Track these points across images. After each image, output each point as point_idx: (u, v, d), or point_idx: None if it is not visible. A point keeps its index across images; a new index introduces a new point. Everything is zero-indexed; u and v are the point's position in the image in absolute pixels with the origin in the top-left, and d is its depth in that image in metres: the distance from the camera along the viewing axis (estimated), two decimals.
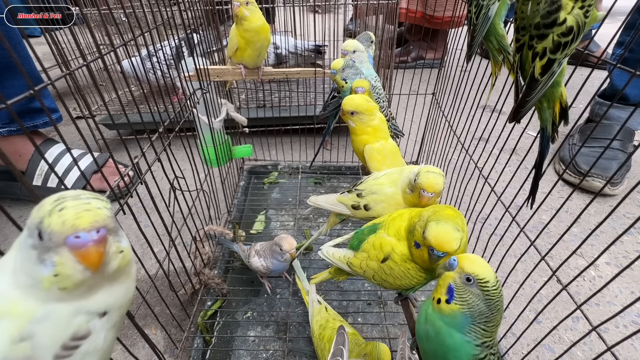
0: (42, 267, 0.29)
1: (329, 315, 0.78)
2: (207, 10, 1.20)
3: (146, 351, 0.86)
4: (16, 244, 0.32)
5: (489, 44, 0.72)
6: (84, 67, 0.49)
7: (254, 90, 1.90)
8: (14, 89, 1.12)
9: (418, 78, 2.13)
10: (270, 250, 0.87)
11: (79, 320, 0.32)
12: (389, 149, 0.85)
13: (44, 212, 0.30)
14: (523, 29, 0.51)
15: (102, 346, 0.33)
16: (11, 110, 0.35)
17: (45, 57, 2.25)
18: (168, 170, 0.71)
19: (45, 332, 0.30)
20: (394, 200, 0.71)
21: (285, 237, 0.85)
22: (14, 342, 0.29)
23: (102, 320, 0.33)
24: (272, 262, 0.87)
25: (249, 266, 0.92)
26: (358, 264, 0.66)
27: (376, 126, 0.86)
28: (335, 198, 0.82)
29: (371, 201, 0.74)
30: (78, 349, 0.32)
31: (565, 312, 0.75)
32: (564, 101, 0.56)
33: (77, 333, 0.31)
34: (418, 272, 0.58)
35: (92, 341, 0.32)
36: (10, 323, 0.29)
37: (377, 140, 0.86)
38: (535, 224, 1.18)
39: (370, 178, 0.77)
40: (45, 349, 0.30)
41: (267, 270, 0.88)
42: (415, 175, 0.64)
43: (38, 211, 0.31)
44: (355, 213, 0.77)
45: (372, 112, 0.85)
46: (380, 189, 0.73)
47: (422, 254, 0.54)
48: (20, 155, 1.27)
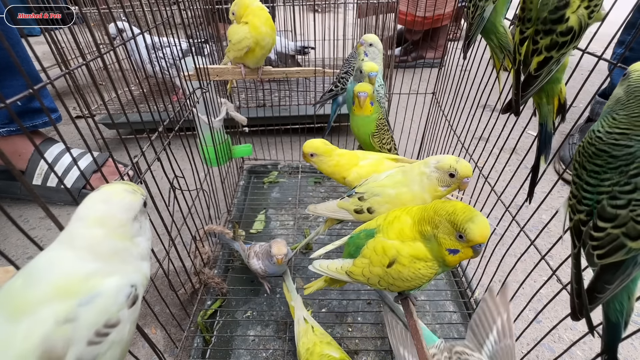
0: None
1: (316, 337, 0.74)
2: (207, 9, 1.20)
3: (146, 350, 0.86)
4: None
5: (490, 42, 0.72)
6: (83, 67, 0.49)
7: (253, 89, 1.90)
8: (13, 88, 1.12)
9: (418, 77, 2.13)
10: (266, 252, 0.88)
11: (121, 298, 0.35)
12: (365, 171, 0.84)
13: None
14: (529, 21, 0.50)
15: (126, 338, 0.36)
16: (10, 110, 0.35)
17: (45, 57, 2.25)
18: (168, 170, 0.71)
19: (86, 316, 0.32)
20: (399, 201, 0.71)
21: (277, 242, 0.86)
22: (58, 323, 0.30)
23: (129, 311, 0.36)
24: (266, 264, 0.88)
25: (248, 266, 0.93)
26: (359, 272, 0.63)
27: (337, 163, 0.87)
28: (336, 204, 0.81)
29: (375, 203, 0.74)
30: (108, 336, 0.33)
31: (565, 312, 0.74)
32: (562, 97, 0.56)
33: (109, 320, 0.34)
34: (429, 270, 0.57)
35: (119, 330, 0.35)
36: (60, 304, 0.31)
37: (349, 170, 0.86)
38: (535, 223, 1.18)
39: (370, 180, 0.77)
40: (83, 333, 0.32)
41: (264, 272, 0.89)
42: (451, 170, 0.67)
43: None
44: (359, 217, 0.77)
45: (330, 153, 0.87)
46: (383, 191, 0.73)
47: (463, 255, 0.54)
48: (20, 155, 1.27)
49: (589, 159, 0.40)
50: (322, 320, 0.90)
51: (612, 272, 0.39)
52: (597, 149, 0.39)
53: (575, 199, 0.42)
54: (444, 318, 0.91)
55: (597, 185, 0.39)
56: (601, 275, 0.40)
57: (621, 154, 0.37)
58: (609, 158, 0.38)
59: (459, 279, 0.99)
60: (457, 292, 0.97)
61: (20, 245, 1.13)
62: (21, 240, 1.15)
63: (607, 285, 0.39)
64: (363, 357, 0.82)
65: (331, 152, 0.87)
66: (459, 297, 0.96)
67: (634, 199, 0.36)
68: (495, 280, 0.91)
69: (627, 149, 0.37)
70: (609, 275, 0.39)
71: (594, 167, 0.39)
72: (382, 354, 0.83)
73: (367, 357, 0.82)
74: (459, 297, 0.96)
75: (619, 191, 0.37)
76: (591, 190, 0.40)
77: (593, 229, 0.40)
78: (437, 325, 0.89)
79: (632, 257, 0.38)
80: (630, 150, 0.37)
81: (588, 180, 0.40)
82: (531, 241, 0.65)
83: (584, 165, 0.40)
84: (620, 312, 0.41)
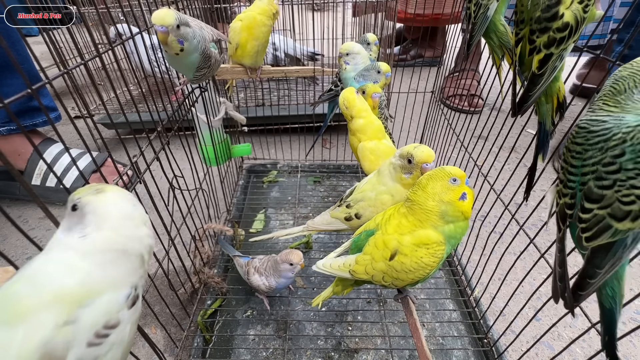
0: None
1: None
2: (206, 8, 1.20)
3: (146, 350, 0.86)
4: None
5: (489, 40, 0.72)
6: (82, 66, 0.49)
7: (252, 89, 1.90)
8: (13, 87, 1.12)
9: (417, 76, 2.13)
10: (275, 269, 0.83)
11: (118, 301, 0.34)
12: (382, 150, 0.85)
13: None
14: (522, 22, 0.51)
15: (127, 339, 0.36)
16: (9, 110, 0.35)
17: (43, 57, 2.24)
18: (167, 170, 0.71)
19: (86, 317, 0.32)
20: (380, 202, 0.73)
21: (291, 252, 0.83)
22: (58, 326, 0.30)
23: (129, 312, 0.35)
24: (277, 281, 0.83)
25: (248, 283, 0.89)
26: (363, 270, 0.64)
27: (362, 126, 0.87)
28: (329, 215, 0.83)
29: (360, 209, 0.76)
30: (107, 338, 0.33)
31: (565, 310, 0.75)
32: (561, 96, 0.56)
33: (109, 321, 0.33)
34: (432, 258, 0.57)
35: (120, 331, 0.34)
36: (61, 306, 0.31)
37: (371, 139, 0.87)
38: (535, 221, 1.18)
39: (355, 189, 0.80)
40: (83, 334, 0.32)
41: (269, 289, 0.85)
42: (408, 156, 0.67)
43: None
44: (350, 224, 0.79)
45: (360, 112, 0.87)
46: (365, 195, 0.75)
47: (469, 195, 0.57)
48: (19, 155, 1.26)
49: (572, 140, 0.40)
50: (322, 319, 0.90)
51: (602, 255, 0.39)
52: (578, 127, 0.40)
53: (562, 183, 0.42)
54: (443, 316, 0.92)
55: (580, 167, 0.39)
56: (592, 260, 0.40)
57: (598, 128, 0.38)
58: (588, 134, 0.38)
59: (459, 278, 1.00)
60: (456, 290, 0.97)
61: (19, 246, 1.13)
62: (20, 241, 1.15)
63: (597, 269, 0.39)
64: (363, 355, 0.82)
65: (362, 111, 0.87)
66: (459, 295, 0.96)
67: (619, 179, 0.36)
68: (494, 279, 0.91)
69: (603, 124, 0.37)
70: (599, 260, 0.39)
71: (576, 148, 0.40)
72: (382, 352, 0.83)
73: (367, 355, 0.82)
74: (458, 295, 0.96)
75: (604, 171, 0.37)
76: (575, 172, 0.40)
77: (581, 210, 0.40)
78: (437, 324, 0.89)
79: (620, 240, 0.38)
80: (606, 126, 0.37)
81: (572, 162, 0.40)
82: (530, 239, 0.65)
83: (568, 147, 0.41)
84: (612, 297, 0.42)
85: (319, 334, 0.87)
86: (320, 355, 0.83)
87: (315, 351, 0.83)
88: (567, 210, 0.42)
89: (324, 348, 0.84)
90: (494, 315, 0.88)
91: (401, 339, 0.86)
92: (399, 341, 0.85)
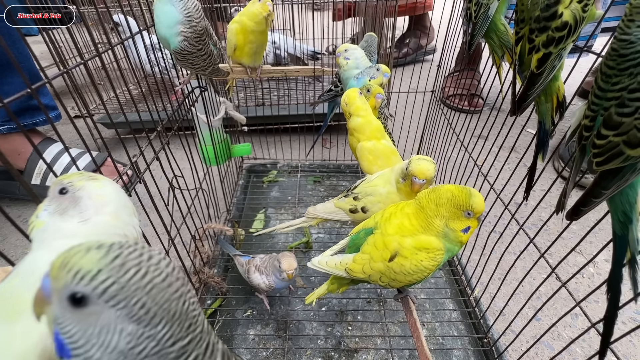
0: None
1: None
2: (205, 8, 1.20)
3: None
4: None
5: (489, 40, 0.72)
6: (81, 66, 0.49)
7: (252, 88, 1.90)
8: (14, 85, 1.12)
9: (417, 76, 2.12)
10: (272, 266, 0.83)
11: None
12: (381, 150, 0.85)
13: None
14: (522, 22, 0.51)
15: None
16: (8, 109, 0.35)
17: (43, 57, 2.24)
18: (167, 169, 0.71)
19: None
20: (390, 200, 0.72)
21: (286, 256, 0.81)
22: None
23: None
24: (274, 280, 0.83)
25: (248, 282, 0.88)
26: (360, 269, 0.63)
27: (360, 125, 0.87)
28: (333, 204, 0.82)
29: (368, 203, 0.75)
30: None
31: (565, 309, 0.75)
32: (561, 95, 0.56)
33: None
34: (431, 262, 0.58)
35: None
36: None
37: (370, 139, 0.87)
38: (535, 221, 1.18)
39: (365, 181, 0.78)
40: None
41: (270, 288, 0.84)
42: (407, 164, 0.67)
43: None
44: (354, 217, 0.78)
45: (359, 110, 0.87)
46: (375, 190, 0.74)
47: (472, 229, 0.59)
48: (19, 154, 1.26)
49: (605, 62, 0.38)
50: (322, 319, 0.90)
51: (609, 178, 0.40)
52: (611, 48, 0.37)
53: (587, 105, 0.42)
54: (443, 316, 0.92)
55: (607, 90, 0.38)
56: (599, 182, 0.41)
57: (629, 52, 0.35)
58: (618, 58, 0.36)
59: (459, 277, 1.00)
60: (456, 290, 0.97)
61: (19, 246, 1.13)
62: (20, 241, 1.15)
63: (603, 190, 0.40)
64: (363, 355, 0.82)
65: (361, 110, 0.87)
66: (459, 295, 0.96)
67: None
68: (494, 278, 0.91)
69: (633, 47, 0.35)
70: (606, 182, 0.40)
71: (607, 70, 0.38)
72: (382, 352, 0.83)
73: (366, 355, 0.82)
74: (458, 295, 0.96)
75: (628, 98, 0.36)
76: (600, 95, 0.39)
77: (596, 136, 0.39)
78: (437, 323, 0.89)
79: (630, 165, 0.38)
80: (637, 48, 0.35)
81: (600, 84, 0.39)
82: (530, 239, 0.65)
83: (600, 69, 0.39)
84: (624, 223, 0.42)
85: (319, 334, 0.87)
86: (320, 354, 0.83)
87: (315, 351, 0.83)
88: (585, 132, 0.42)
89: (324, 348, 0.84)
90: (493, 315, 0.89)
91: (401, 338, 0.86)
92: (399, 341, 0.85)
